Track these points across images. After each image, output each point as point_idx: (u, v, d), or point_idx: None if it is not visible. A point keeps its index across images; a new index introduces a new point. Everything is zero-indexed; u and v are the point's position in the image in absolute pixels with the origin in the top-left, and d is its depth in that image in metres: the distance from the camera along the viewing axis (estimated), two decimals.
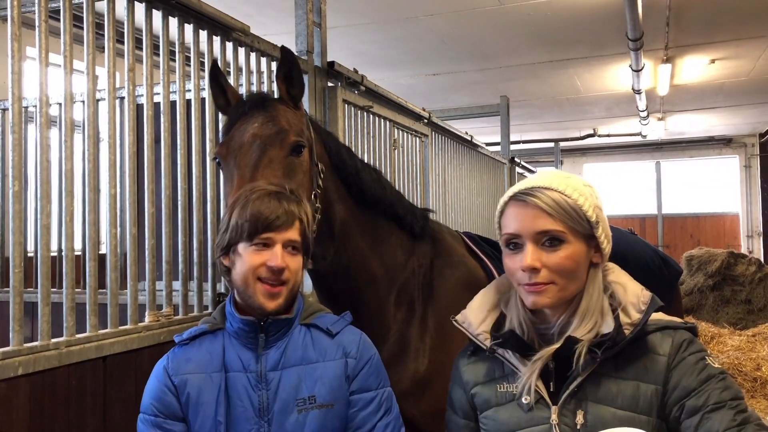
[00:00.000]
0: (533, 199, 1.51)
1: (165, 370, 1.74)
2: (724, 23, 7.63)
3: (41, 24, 2.00)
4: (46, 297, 1.98)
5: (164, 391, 1.71)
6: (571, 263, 1.50)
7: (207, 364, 1.73)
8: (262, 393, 1.69)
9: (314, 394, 1.71)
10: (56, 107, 3.67)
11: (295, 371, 1.72)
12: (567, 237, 1.50)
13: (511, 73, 9.68)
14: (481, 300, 1.71)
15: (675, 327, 1.52)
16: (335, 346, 1.78)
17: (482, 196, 6.61)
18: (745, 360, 7.23)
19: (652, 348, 1.49)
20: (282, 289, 1.70)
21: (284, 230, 1.70)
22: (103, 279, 2.32)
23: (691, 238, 16.80)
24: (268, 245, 1.69)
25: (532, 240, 1.50)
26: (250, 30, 2.90)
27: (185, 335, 1.79)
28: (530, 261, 1.48)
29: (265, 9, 6.69)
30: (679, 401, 1.42)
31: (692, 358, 1.45)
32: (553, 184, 1.52)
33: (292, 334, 1.77)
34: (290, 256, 1.72)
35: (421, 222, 2.69)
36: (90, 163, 2.24)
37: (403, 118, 4.44)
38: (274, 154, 2.09)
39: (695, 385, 1.41)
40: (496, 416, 1.58)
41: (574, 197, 1.51)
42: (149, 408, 1.71)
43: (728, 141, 16.73)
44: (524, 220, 1.52)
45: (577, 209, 1.50)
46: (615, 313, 1.52)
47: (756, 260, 10.33)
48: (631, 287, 1.57)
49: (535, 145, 15.17)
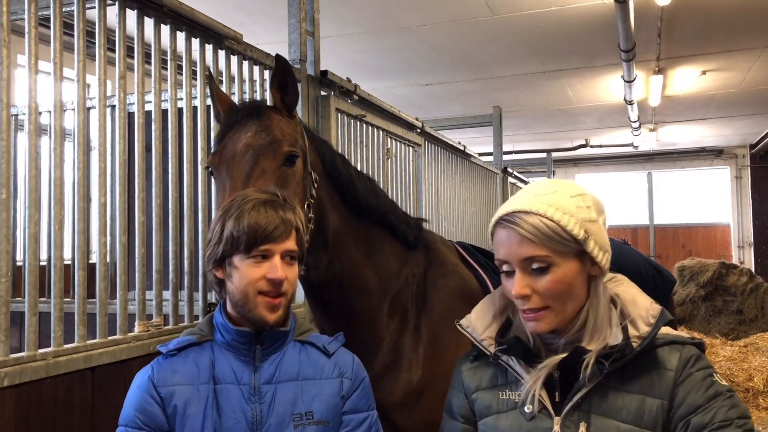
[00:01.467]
0: (514, 225, 1.49)
1: (150, 380, 1.68)
2: (715, 35, 7.68)
3: (31, 30, 1.98)
4: (33, 307, 1.95)
5: (149, 402, 1.66)
6: (561, 286, 1.48)
7: (194, 376, 1.69)
8: (255, 406, 1.66)
9: (312, 410, 1.68)
10: (47, 115, 3.65)
11: (291, 386, 1.70)
12: (553, 260, 1.47)
13: (504, 84, 9.71)
14: (487, 305, 1.69)
15: (683, 342, 1.50)
16: (332, 365, 1.77)
17: (475, 206, 6.61)
18: (737, 370, 7.24)
19: (660, 362, 1.47)
20: (282, 300, 1.68)
21: (282, 241, 1.66)
22: (93, 288, 2.29)
23: (683, 249, 16.86)
24: (266, 257, 1.66)
25: (519, 266, 1.49)
26: (242, 38, 2.89)
27: (171, 346, 1.74)
28: (518, 289, 1.48)
29: (258, 18, 6.69)
30: (685, 417, 1.40)
31: (700, 375, 1.44)
32: (533, 207, 1.48)
33: (287, 349, 1.75)
34: (288, 266, 1.69)
35: (414, 231, 2.68)
36: (80, 171, 2.22)
37: (396, 128, 4.43)
38: (267, 165, 2.07)
39: (702, 402, 1.40)
40: (496, 423, 1.56)
41: (556, 218, 1.47)
42: (133, 420, 1.64)
43: (719, 152, 16.83)
44: (509, 246, 1.50)
45: (559, 231, 1.47)
46: (623, 325, 1.50)
47: (747, 270, 10.39)
48: (640, 300, 1.55)
49: (527, 155, 15.21)
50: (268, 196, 1.73)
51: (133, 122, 2.45)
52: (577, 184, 1.61)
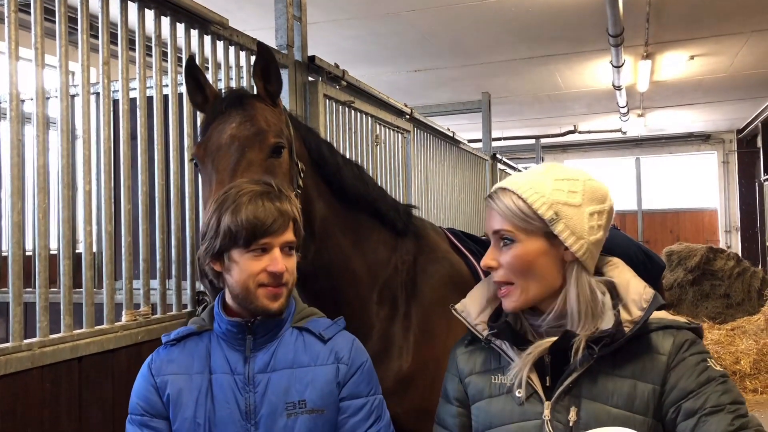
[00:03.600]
0: (492, 201, 1.57)
1: (149, 369, 1.73)
2: (703, 20, 7.68)
3: (11, 15, 1.94)
4: (18, 297, 1.92)
5: (149, 390, 1.70)
6: (521, 262, 1.51)
7: (188, 366, 1.71)
8: (249, 396, 1.65)
9: (305, 398, 1.67)
10: (30, 103, 3.60)
11: (285, 374, 1.68)
12: (516, 236, 1.51)
13: (493, 70, 9.68)
14: (481, 290, 1.69)
15: (678, 327, 1.49)
16: (327, 351, 1.74)
17: (464, 193, 6.60)
18: (724, 354, 7.31)
19: (653, 347, 1.46)
20: (283, 289, 1.68)
21: (281, 233, 1.65)
22: (79, 278, 2.27)
23: (671, 234, 16.95)
24: (265, 250, 1.64)
25: (493, 240, 1.57)
26: (228, 23, 2.85)
27: (172, 335, 1.76)
28: (485, 260, 1.57)
29: (244, 4, 6.62)
30: (676, 402, 1.39)
31: (693, 359, 1.42)
32: (512, 186, 1.54)
33: (283, 337, 1.73)
34: (288, 257, 1.69)
35: (404, 218, 2.66)
36: (64, 159, 2.18)
37: (385, 114, 4.41)
38: (253, 157, 2.04)
39: (694, 387, 1.38)
40: (488, 407, 1.56)
41: (524, 196, 1.51)
42: (136, 408, 1.70)
43: (707, 137, 16.89)
44: (488, 221, 1.59)
45: (523, 209, 1.51)
46: (615, 309, 1.49)
47: (734, 255, 10.47)
48: (633, 284, 1.54)
49: (516, 141, 15.22)
50: (263, 188, 1.70)
51: (117, 109, 2.42)
52: (577, 170, 1.59)
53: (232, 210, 1.64)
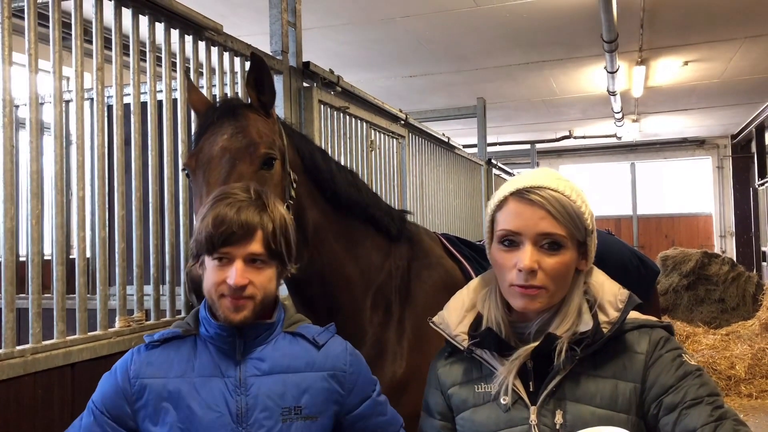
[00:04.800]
0: (540, 199, 1.48)
1: (127, 372, 1.67)
2: (696, 26, 7.72)
3: (4, 21, 1.94)
4: (11, 303, 1.92)
5: (118, 394, 1.66)
6: (565, 269, 1.49)
7: (168, 369, 1.67)
8: (241, 398, 1.63)
9: (301, 404, 1.66)
10: (24, 108, 3.59)
11: (280, 379, 1.67)
12: (566, 243, 1.48)
13: (488, 75, 9.70)
14: (459, 300, 1.68)
15: (652, 326, 1.52)
16: (323, 358, 1.73)
17: (459, 198, 6.61)
18: (719, 358, 7.31)
19: (630, 346, 1.49)
20: (247, 302, 1.61)
21: (243, 244, 1.59)
22: (73, 284, 2.26)
23: (666, 239, 16.99)
24: (229, 260, 1.61)
25: (532, 240, 1.48)
26: (222, 29, 2.85)
27: (156, 337, 1.72)
28: (530, 262, 1.45)
29: (239, 9, 6.63)
30: (657, 398, 1.42)
31: (669, 356, 1.46)
32: (559, 187, 1.50)
33: (276, 341, 1.71)
34: (255, 271, 1.62)
35: (397, 224, 2.66)
36: (58, 164, 2.18)
37: (379, 120, 4.42)
38: (244, 169, 2.02)
39: (672, 382, 1.41)
40: (473, 417, 1.56)
41: (578, 203, 1.50)
42: (99, 403, 1.66)
43: (701, 142, 16.95)
44: (529, 219, 1.48)
45: (579, 216, 1.50)
46: (593, 312, 1.51)
47: (729, 260, 10.47)
48: (608, 286, 1.57)
49: (511, 147, 15.25)
50: (244, 196, 1.66)
51: (111, 115, 2.42)
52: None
53: (203, 215, 1.64)
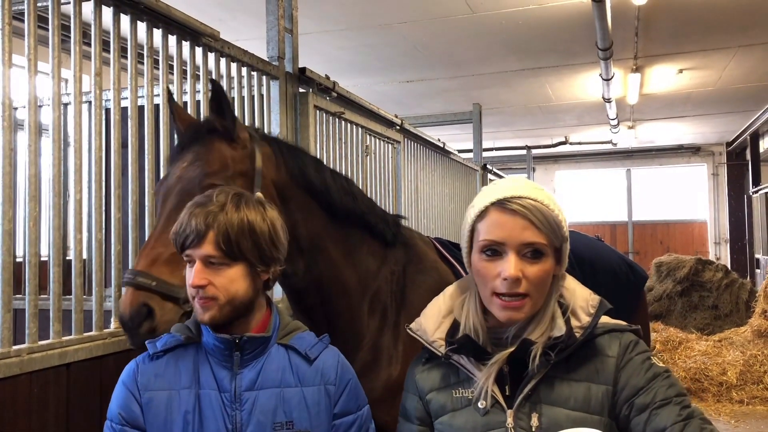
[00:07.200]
0: (521, 209, 1.50)
1: (135, 382, 1.69)
2: (691, 34, 7.77)
3: (5, 27, 1.97)
4: (8, 303, 1.94)
5: (131, 400, 1.67)
6: (546, 276, 1.53)
7: (176, 381, 1.68)
8: (236, 414, 1.65)
9: (293, 419, 1.68)
10: (23, 111, 3.62)
11: (273, 393, 1.69)
12: (547, 250, 1.52)
13: (484, 81, 9.74)
14: (435, 307, 1.70)
15: (621, 330, 1.58)
16: (314, 372, 1.75)
17: (454, 203, 6.64)
18: (711, 365, 7.34)
19: (602, 350, 1.54)
20: (210, 302, 1.63)
21: (198, 246, 1.62)
22: (69, 285, 2.29)
23: (661, 245, 17.04)
24: (192, 263, 1.65)
25: (515, 250, 1.50)
26: (219, 35, 2.88)
27: (159, 347, 1.71)
28: (515, 271, 1.48)
29: (237, 14, 6.66)
30: (629, 399, 1.47)
31: (639, 358, 1.51)
32: (539, 196, 1.52)
33: (270, 354, 1.73)
34: (213, 272, 1.63)
35: (393, 229, 2.69)
36: (56, 167, 2.21)
37: (375, 125, 4.45)
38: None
39: (643, 384, 1.46)
40: (451, 421, 1.59)
41: (556, 212, 1.53)
42: (116, 416, 1.67)
43: (697, 149, 17.02)
44: (513, 229, 1.50)
45: (558, 224, 1.53)
46: (565, 317, 1.55)
47: (723, 267, 10.52)
48: (579, 292, 1.61)
49: (507, 152, 15.28)
50: (211, 200, 1.67)
51: (109, 118, 2.44)
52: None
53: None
